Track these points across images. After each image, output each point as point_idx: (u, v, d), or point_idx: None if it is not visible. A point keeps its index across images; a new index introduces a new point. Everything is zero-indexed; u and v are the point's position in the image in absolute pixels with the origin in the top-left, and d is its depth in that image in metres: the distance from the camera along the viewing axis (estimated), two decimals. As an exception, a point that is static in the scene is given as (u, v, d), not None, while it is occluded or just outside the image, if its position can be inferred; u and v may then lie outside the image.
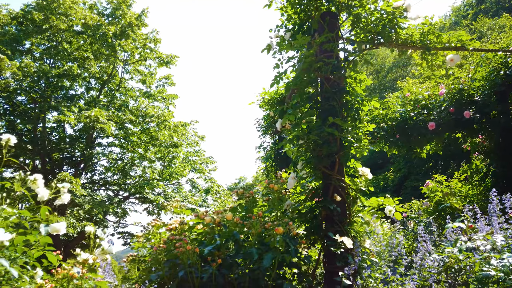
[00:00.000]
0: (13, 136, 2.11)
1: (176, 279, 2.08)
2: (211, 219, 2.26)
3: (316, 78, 3.12)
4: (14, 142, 2.09)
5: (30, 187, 2.11)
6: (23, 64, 11.62)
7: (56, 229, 1.92)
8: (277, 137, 5.76)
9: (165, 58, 14.97)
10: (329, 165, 2.91)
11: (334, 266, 2.75)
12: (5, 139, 2.05)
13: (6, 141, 2.05)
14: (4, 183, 2.10)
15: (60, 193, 2.08)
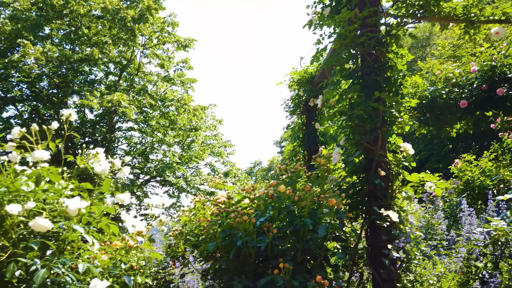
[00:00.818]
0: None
1: (233, 248, 2.15)
2: (264, 191, 2.31)
3: (357, 53, 3.11)
4: (75, 119, 2.15)
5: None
6: (46, 49, 11.77)
7: (122, 199, 1.99)
8: (305, 117, 5.75)
9: (183, 41, 14.95)
10: (371, 141, 2.92)
11: (379, 240, 2.79)
12: (66, 114, 2.11)
13: (67, 116, 2.12)
14: (67, 157, 2.18)
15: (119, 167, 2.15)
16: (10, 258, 1.64)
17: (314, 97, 5.33)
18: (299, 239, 2.23)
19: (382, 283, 2.72)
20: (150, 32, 14.80)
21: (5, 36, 11.98)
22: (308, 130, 5.72)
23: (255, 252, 2.18)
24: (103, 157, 2.12)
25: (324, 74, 4.80)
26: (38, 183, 1.72)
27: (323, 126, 3.22)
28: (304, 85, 5.34)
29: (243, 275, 2.27)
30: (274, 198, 2.29)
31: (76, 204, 1.68)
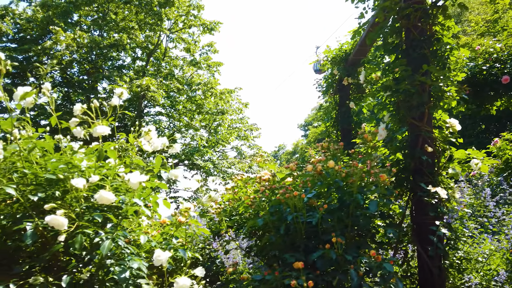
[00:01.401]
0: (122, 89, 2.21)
1: (283, 223, 2.16)
2: (312, 167, 2.31)
3: (401, 27, 3.00)
4: (128, 97, 2.19)
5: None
6: (76, 35, 12.01)
7: (175, 175, 2.03)
8: (339, 96, 5.66)
9: (209, 24, 14.90)
10: (417, 116, 2.85)
11: (426, 217, 2.74)
12: (118, 92, 2.15)
13: (119, 94, 2.16)
14: (120, 134, 2.24)
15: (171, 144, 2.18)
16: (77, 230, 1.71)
17: (348, 75, 5.23)
18: (347, 215, 2.22)
19: (429, 260, 2.69)
20: (176, 16, 14.81)
21: (37, 23, 12.28)
22: (341, 110, 5.63)
23: (305, 228, 2.19)
24: (155, 134, 2.16)
25: (360, 51, 4.69)
26: (100, 158, 1.77)
27: (365, 103, 3.16)
28: (338, 63, 5.23)
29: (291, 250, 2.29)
30: (322, 174, 2.28)
31: (138, 178, 1.73)
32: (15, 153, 1.68)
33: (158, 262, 1.68)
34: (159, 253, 1.68)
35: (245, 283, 2.27)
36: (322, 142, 2.92)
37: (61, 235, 1.61)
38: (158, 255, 1.67)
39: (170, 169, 2.05)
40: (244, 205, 2.88)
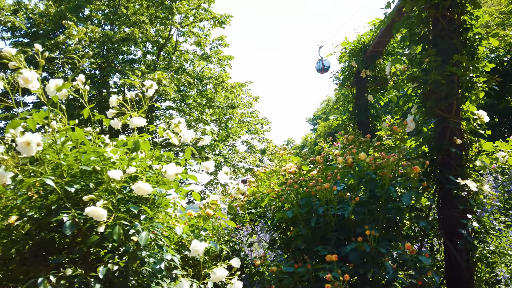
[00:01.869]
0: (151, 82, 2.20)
1: (313, 215, 2.15)
2: (343, 159, 2.28)
3: (429, 17, 2.94)
4: (155, 88, 2.18)
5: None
6: (89, 30, 12.04)
7: (207, 167, 2.03)
8: (356, 89, 5.60)
9: (220, 18, 14.83)
10: (445, 108, 2.80)
11: (454, 210, 2.71)
12: (148, 85, 2.14)
13: (149, 86, 2.15)
14: (150, 127, 2.24)
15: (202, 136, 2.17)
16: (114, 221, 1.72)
17: (367, 68, 5.17)
18: (378, 207, 2.20)
19: (457, 254, 2.66)
20: (187, 10, 14.77)
21: (49, 18, 12.34)
22: (358, 103, 5.58)
23: (335, 220, 2.17)
24: (184, 126, 2.15)
25: (380, 43, 4.62)
26: (137, 150, 1.77)
27: (390, 95, 3.11)
28: (356, 55, 5.17)
29: (321, 242, 2.27)
30: (353, 166, 2.25)
31: (175, 170, 1.73)
32: (51, 145, 1.68)
33: (195, 252, 1.68)
34: (196, 244, 1.67)
35: (274, 275, 2.26)
36: (347, 135, 2.89)
37: (100, 226, 1.62)
38: (195, 246, 1.67)
39: (201, 161, 2.04)
40: (268, 197, 2.87)
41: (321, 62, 13.42)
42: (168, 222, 2.29)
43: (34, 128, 1.76)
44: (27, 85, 1.56)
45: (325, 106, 39.60)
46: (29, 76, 1.54)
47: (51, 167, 1.89)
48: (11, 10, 12.73)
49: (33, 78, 1.55)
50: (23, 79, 1.54)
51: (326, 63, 13.44)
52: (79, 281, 1.60)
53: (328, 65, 13.64)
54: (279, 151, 3.14)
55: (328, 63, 13.57)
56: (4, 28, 13.35)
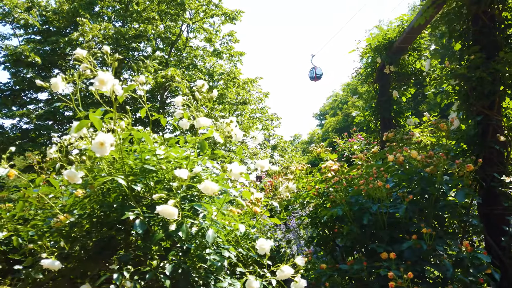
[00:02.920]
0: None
1: (365, 213, 2.16)
2: (392, 157, 2.29)
3: (470, 13, 2.93)
4: (206, 87, 2.20)
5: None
6: (102, 26, 12.08)
7: (262, 165, 2.04)
8: (379, 85, 5.59)
9: (231, 13, 14.81)
10: (487, 105, 2.80)
11: (496, 207, 2.71)
12: (200, 84, 2.16)
13: (201, 86, 2.16)
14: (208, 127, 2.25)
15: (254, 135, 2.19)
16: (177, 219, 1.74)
17: (391, 63, 5.15)
18: (430, 205, 2.21)
19: (500, 251, 2.67)
20: (197, 6, 14.76)
21: (63, 15, 12.39)
22: (381, 99, 5.57)
23: (387, 218, 2.19)
24: (235, 125, 2.17)
25: (407, 39, 4.60)
26: (203, 149, 1.80)
27: (427, 92, 3.11)
28: (381, 51, 5.15)
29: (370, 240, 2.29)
30: (404, 164, 2.26)
31: (239, 169, 1.75)
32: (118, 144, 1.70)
33: (262, 250, 1.70)
34: (263, 242, 1.70)
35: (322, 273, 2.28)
36: (387, 132, 2.89)
37: (171, 224, 1.64)
38: (262, 244, 1.69)
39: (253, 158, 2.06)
40: (310, 195, 2.89)
41: (314, 70, 13.59)
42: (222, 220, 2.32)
43: (100, 128, 1.79)
44: (102, 87, 1.59)
45: (332, 102, 39.46)
46: (104, 77, 1.56)
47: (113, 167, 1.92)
48: (24, 8, 12.79)
49: (108, 80, 1.57)
50: (99, 81, 1.56)
51: (318, 71, 13.68)
52: (149, 277, 1.63)
53: (320, 73, 13.85)
54: (315, 148, 3.15)
55: (320, 71, 13.79)
56: (17, 25, 13.43)
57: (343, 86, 36.68)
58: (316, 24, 78.18)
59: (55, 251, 1.80)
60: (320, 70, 13.56)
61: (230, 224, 2.04)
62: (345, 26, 63.67)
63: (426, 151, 2.83)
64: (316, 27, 76.88)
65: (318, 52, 16.39)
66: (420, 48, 4.95)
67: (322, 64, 56.88)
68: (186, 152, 2.08)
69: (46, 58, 12.73)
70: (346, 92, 34.71)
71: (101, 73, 1.54)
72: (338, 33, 45.08)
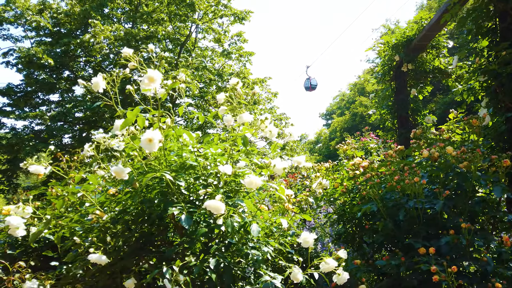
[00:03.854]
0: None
1: (401, 209, 2.18)
2: (427, 153, 2.30)
3: (496, 11, 2.93)
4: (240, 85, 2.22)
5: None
6: (113, 28, 12.17)
7: (299, 161, 2.06)
8: (396, 83, 5.58)
9: (240, 14, 14.84)
10: (516, 101, 2.79)
11: (527, 203, 2.71)
12: (234, 82, 2.18)
13: (235, 83, 2.19)
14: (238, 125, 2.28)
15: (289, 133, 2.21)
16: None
17: (409, 61, 5.15)
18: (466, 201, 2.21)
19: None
20: (207, 7, 14.81)
21: (74, 17, 12.50)
22: (398, 97, 5.56)
23: (423, 213, 2.20)
24: (269, 122, 2.18)
25: (427, 36, 4.60)
26: (246, 145, 1.82)
27: (454, 89, 3.11)
28: (399, 49, 5.15)
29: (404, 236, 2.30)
30: (438, 160, 2.27)
31: (283, 164, 1.77)
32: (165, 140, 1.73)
33: (306, 243, 1.72)
34: (307, 236, 1.71)
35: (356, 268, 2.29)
36: (415, 130, 2.90)
37: (218, 219, 1.67)
38: (306, 238, 1.71)
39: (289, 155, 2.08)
40: (338, 192, 2.90)
41: (308, 80, 13.77)
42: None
43: (143, 125, 1.82)
44: (151, 84, 1.61)
45: (339, 101, 39.41)
46: (154, 75, 1.59)
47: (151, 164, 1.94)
48: (36, 10, 12.92)
49: (158, 77, 1.60)
50: (148, 79, 1.59)
51: (313, 81, 13.95)
52: (196, 271, 1.66)
53: (315, 84, 14.09)
54: (341, 146, 3.16)
55: (315, 82, 14.06)
56: (29, 28, 13.57)
57: (350, 86, 36.59)
58: (321, 24, 78.10)
59: (100, 246, 1.83)
60: (314, 80, 13.95)
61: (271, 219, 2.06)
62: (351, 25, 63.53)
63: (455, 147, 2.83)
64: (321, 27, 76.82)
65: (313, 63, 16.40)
66: (439, 46, 4.94)
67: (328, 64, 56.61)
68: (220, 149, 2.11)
69: (57, 60, 12.85)
70: (354, 92, 34.64)
71: (151, 70, 1.57)
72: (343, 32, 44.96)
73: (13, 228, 1.76)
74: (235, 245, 1.89)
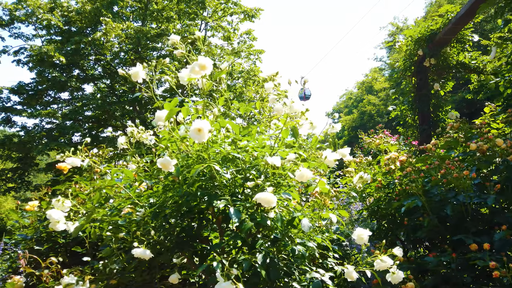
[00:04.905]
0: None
1: (449, 203, 2.09)
2: (475, 146, 2.21)
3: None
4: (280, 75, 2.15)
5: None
6: (125, 26, 12.15)
7: (343, 154, 1.98)
8: (417, 78, 5.47)
9: (250, 11, 14.76)
10: (559, 94, 2.70)
11: None
12: (274, 73, 2.11)
13: (275, 74, 2.12)
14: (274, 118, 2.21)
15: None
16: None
17: (432, 56, 5.05)
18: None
19: None
20: (216, 4, 14.75)
21: (85, 15, 12.49)
22: (420, 93, 5.45)
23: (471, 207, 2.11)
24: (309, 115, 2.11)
25: (452, 30, 4.50)
26: (296, 136, 1.75)
27: (491, 82, 3.01)
28: (422, 43, 5.04)
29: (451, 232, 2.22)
30: (486, 153, 2.19)
31: (334, 156, 1.70)
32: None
33: (361, 240, 1.65)
34: (362, 232, 1.64)
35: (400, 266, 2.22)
36: (453, 122, 2.81)
37: (269, 212, 1.60)
38: (361, 233, 1.64)
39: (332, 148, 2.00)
40: (372, 187, 2.82)
41: (302, 90, 14.00)
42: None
43: (186, 115, 1.75)
44: (201, 72, 1.55)
45: (346, 100, 39.17)
46: (206, 62, 1.52)
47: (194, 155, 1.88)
48: (48, 8, 12.93)
49: (210, 65, 1.53)
50: (199, 66, 1.52)
51: (307, 92, 14.32)
52: (246, 266, 1.59)
53: (309, 94, 14.43)
54: (374, 140, 3.08)
55: (309, 92, 14.43)
56: (39, 26, 13.60)
57: (357, 84, 36.36)
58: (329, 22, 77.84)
59: (143, 240, 1.77)
60: (308, 91, 14.36)
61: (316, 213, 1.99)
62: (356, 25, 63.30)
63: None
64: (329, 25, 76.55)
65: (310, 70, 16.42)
66: (464, 40, 4.83)
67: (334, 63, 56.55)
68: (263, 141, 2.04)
69: (68, 58, 12.84)
70: (361, 90, 34.42)
71: (202, 57, 1.50)
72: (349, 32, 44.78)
73: (53, 222, 1.70)
74: (281, 240, 1.82)
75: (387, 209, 2.63)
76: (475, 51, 4.93)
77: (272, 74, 1.98)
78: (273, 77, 2.20)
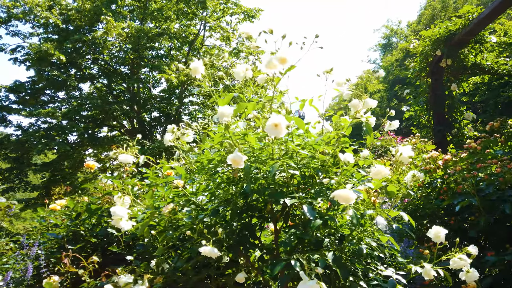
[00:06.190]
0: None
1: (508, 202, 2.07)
2: None
3: None
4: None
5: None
6: (125, 24, 12.01)
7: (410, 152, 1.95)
8: (433, 79, 5.49)
9: (250, 12, 14.70)
10: None
11: None
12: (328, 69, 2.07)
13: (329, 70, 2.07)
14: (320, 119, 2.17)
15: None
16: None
17: (449, 56, 5.06)
18: None
19: None
20: (216, 4, 14.66)
21: (85, 13, 12.31)
22: (435, 93, 5.47)
23: None
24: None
25: (473, 30, 4.52)
26: (370, 132, 1.71)
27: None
28: (439, 44, 5.06)
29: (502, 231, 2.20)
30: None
31: (410, 152, 1.67)
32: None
33: (437, 238, 1.62)
34: (439, 230, 1.61)
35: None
36: (493, 122, 2.80)
37: (348, 209, 1.56)
38: (438, 232, 1.61)
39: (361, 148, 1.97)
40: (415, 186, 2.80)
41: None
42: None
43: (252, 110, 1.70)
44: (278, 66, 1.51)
45: (338, 102, 39.32)
46: (287, 56, 1.47)
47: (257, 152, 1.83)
48: (46, 6, 12.71)
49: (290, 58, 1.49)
50: (280, 59, 1.48)
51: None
52: (322, 264, 1.54)
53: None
54: (410, 139, 3.06)
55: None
56: (37, 24, 13.35)
57: (351, 86, 36.49)
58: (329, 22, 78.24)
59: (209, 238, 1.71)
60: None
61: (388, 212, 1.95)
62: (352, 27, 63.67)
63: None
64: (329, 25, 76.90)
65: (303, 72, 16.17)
66: (482, 41, 4.86)
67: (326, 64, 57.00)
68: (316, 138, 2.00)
69: (66, 57, 12.62)
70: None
71: (283, 51, 1.45)
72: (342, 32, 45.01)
73: (116, 219, 1.63)
74: (349, 238, 1.77)
75: (428, 208, 2.60)
76: (495, 51, 4.95)
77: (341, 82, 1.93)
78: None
